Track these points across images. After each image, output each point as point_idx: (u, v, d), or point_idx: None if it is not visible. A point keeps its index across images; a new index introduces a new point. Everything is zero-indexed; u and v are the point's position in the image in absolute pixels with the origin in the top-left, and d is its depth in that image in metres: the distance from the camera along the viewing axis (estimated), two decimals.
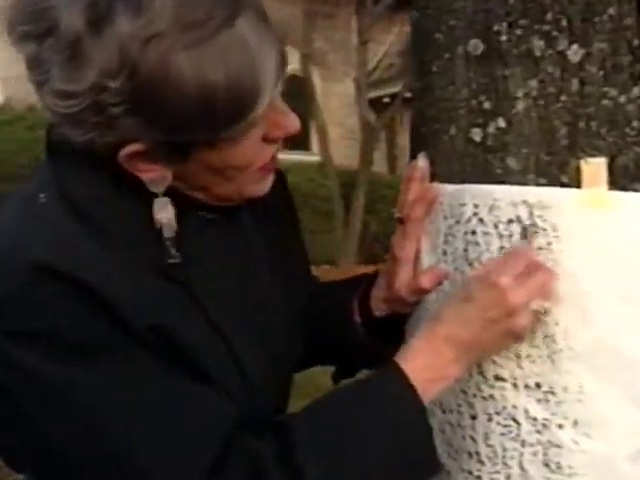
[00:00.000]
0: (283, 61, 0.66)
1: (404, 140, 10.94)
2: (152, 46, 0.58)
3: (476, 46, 0.79)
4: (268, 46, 0.63)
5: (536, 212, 0.76)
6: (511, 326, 0.73)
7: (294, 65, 11.45)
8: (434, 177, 0.85)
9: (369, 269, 1.00)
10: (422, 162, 0.85)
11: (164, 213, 0.67)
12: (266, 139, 0.70)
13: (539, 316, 0.75)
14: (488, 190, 0.79)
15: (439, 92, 0.83)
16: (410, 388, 0.71)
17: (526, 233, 0.76)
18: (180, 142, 0.63)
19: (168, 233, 0.67)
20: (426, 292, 0.85)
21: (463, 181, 0.82)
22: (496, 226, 0.79)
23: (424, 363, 0.73)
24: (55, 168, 0.67)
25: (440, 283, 0.84)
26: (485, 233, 0.80)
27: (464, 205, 0.81)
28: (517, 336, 0.75)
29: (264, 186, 0.75)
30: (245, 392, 0.73)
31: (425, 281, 0.84)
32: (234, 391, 0.71)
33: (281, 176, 0.94)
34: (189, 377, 0.66)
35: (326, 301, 0.96)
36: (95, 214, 0.65)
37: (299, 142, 11.78)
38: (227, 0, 0.61)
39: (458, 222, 0.81)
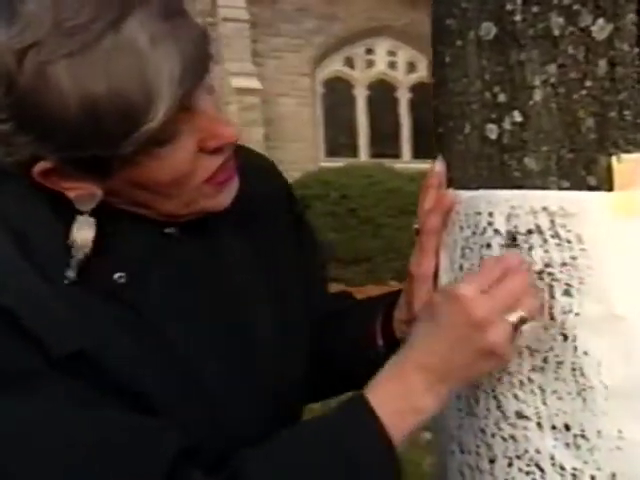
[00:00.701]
0: (196, 59, 0.58)
1: None
2: (30, 56, 0.53)
3: (488, 29, 0.68)
4: (167, 46, 0.56)
5: (558, 221, 0.64)
6: (481, 344, 0.62)
7: (422, 72, 11.31)
8: (451, 183, 0.74)
9: None
10: (438, 166, 0.76)
11: (82, 233, 0.61)
12: (203, 150, 0.63)
13: (520, 329, 0.63)
14: (504, 196, 0.68)
15: (452, 85, 0.73)
16: (374, 422, 0.62)
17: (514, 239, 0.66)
18: (87, 159, 0.58)
19: (77, 254, 0.61)
20: None
21: (479, 186, 0.71)
22: (514, 238, 0.67)
23: (392, 394, 0.64)
24: None
25: None
26: (502, 246, 0.68)
27: (479, 214, 0.70)
28: (492, 355, 0.63)
29: (222, 200, 0.68)
30: (210, 417, 0.66)
31: None
32: (195, 417, 0.65)
33: (286, 186, 0.87)
34: (122, 406, 0.61)
35: (349, 321, 0.87)
36: (31, 235, 0.61)
37: (429, 151, 11.61)
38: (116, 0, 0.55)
39: (474, 233, 0.71)
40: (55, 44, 0.53)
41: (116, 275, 0.64)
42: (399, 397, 0.64)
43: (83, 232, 0.61)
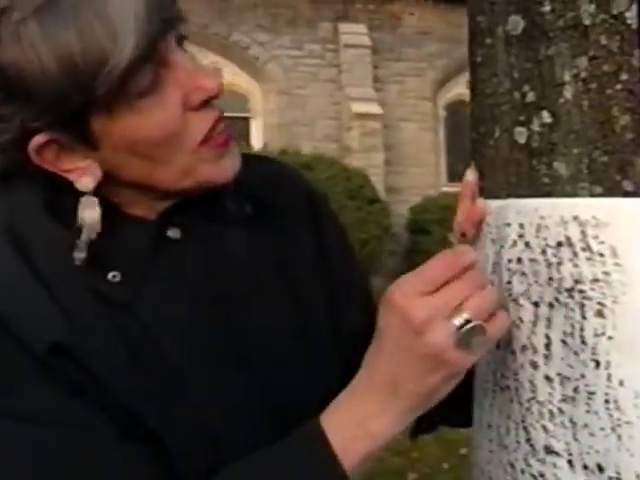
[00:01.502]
0: (161, 4, 0.59)
1: None
2: (4, 21, 0.56)
3: (516, 23, 0.63)
4: None
5: (590, 232, 0.57)
6: (421, 349, 0.56)
7: None
8: (483, 192, 0.68)
9: None
10: (470, 175, 0.70)
11: (89, 212, 0.62)
12: (189, 107, 0.63)
13: (469, 333, 0.56)
14: (533, 205, 0.61)
15: (483, 87, 0.67)
16: (326, 450, 0.59)
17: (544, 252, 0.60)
18: (72, 118, 0.59)
19: (89, 234, 0.61)
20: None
21: (509, 194, 0.65)
22: (544, 252, 0.60)
23: (345, 419, 0.60)
24: None
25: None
26: (532, 260, 0.62)
27: (509, 225, 0.64)
28: (438, 361, 0.56)
29: (224, 168, 0.66)
30: (202, 430, 0.63)
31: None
32: (185, 429, 0.62)
33: (305, 191, 0.83)
34: (106, 412, 0.59)
35: None
36: (29, 240, 0.62)
37: None
38: None
39: (503, 247, 0.64)
40: (24, 2, 0.56)
41: (110, 274, 0.63)
42: (352, 422, 0.59)
43: (89, 211, 0.62)
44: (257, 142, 9.34)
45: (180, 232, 0.69)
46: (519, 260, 0.63)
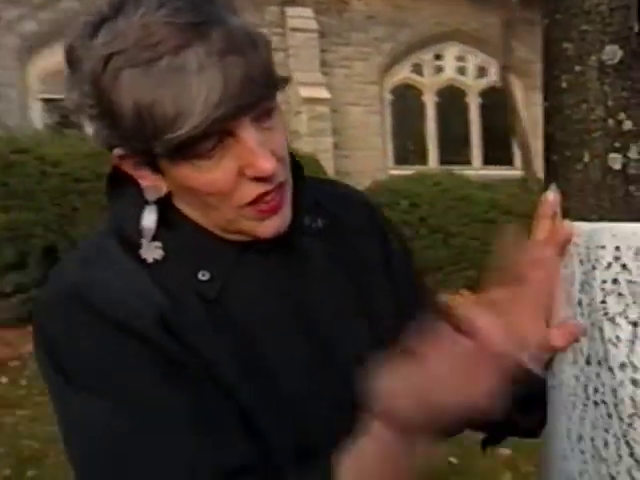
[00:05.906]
0: (240, 94, 0.65)
1: None
2: (112, 62, 0.65)
3: (613, 53, 0.65)
4: (211, 75, 0.64)
5: None
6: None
7: (492, 77, 11.11)
8: (567, 213, 0.71)
9: None
10: (552, 196, 0.72)
11: (147, 218, 0.72)
12: (243, 175, 0.69)
13: None
14: (632, 229, 0.64)
15: (569, 112, 0.69)
16: None
17: None
18: (141, 152, 0.68)
19: (147, 237, 0.72)
20: (559, 350, 0.71)
21: (601, 218, 0.67)
22: None
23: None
24: (110, 202, 0.77)
25: (577, 340, 0.69)
26: (631, 282, 0.64)
27: (602, 248, 0.66)
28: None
29: (264, 229, 0.73)
30: (284, 419, 0.71)
31: (556, 337, 0.70)
32: (272, 410, 0.70)
33: (376, 210, 0.91)
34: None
35: None
36: (127, 232, 0.73)
37: (500, 157, 11.38)
38: (183, 31, 0.64)
39: (594, 268, 0.67)
40: (131, 55, 0.64)
41: (200, 273, 0.72)
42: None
43: (148, 218, 0.72)
44: None
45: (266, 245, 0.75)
46: (615, 281, 0.65)
